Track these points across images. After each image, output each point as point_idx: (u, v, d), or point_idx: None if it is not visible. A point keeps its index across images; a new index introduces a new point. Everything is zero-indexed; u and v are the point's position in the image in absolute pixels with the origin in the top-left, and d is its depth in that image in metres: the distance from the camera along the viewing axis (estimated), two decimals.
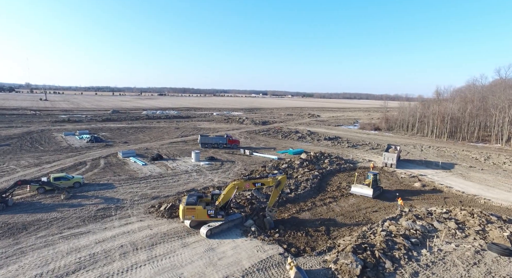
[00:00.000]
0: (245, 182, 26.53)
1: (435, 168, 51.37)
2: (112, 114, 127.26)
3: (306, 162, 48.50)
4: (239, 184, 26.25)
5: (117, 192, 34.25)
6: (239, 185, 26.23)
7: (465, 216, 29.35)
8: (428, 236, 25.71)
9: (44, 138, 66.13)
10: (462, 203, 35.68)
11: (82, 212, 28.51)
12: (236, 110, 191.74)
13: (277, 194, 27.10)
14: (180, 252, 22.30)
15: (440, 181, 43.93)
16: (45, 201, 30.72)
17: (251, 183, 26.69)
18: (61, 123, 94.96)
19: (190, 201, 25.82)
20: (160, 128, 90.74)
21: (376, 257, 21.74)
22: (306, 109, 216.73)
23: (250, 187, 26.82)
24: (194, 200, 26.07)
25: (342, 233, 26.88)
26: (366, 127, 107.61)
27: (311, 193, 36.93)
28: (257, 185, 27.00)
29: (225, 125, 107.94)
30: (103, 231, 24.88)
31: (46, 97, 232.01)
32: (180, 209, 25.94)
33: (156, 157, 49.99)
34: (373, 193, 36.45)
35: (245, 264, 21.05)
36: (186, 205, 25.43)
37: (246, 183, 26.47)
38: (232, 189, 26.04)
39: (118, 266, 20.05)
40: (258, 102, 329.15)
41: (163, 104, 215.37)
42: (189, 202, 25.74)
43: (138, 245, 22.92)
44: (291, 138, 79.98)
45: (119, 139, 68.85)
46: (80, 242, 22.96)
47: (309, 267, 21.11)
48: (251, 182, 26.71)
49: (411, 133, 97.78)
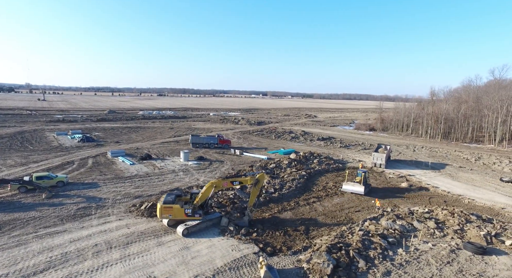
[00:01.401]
0: (223, 181, 26.56)
1: (425, 169, 51.28)
2: (108, 114, 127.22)
3: (294, 162, 48.43)
4: (217, 183, 26.24)
5: (101, 191, 34.21)
6: (217, 184, 26.22)
7: (445, 216, 29.29)
8: (407, 236, 25.66)
9: (36, 138, 66.12)
10: (446, 203, 35.59)
11: (62, 211, 28.45)
12: (233, 110, 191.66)
13: (256, 192, 27.06)
14: (154, 250, 22.25)
15: (427, 181, 43.84)
16: (25, 200, 30.65)
17: (229, 181, 26.72)
18: (56, 123, 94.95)
19: (167, 200, 25.73)
20: (154, 128, 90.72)
21: (350, 256, 21.69)
22: (304, 110, 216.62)
23: (228, 185, 26.86)
24: (171, 199, 26.01)
25: (321, 232, 26.79)
26: (361, 127, 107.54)
27: (296, 193, 36.86)
28: (235, 183, 27.07)
29: (220, 125, 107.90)
30: (80, 230, 24.82)
31: (44, 97, 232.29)
32: (158, 208, 25.83)
33: (145, 157, 49.95)
34: (365, 189, 36.74)
35: (218, 263, 20.99)
36: (163, 204, 25.31)
37: (224, 182, 26.47)
38: (210, 188, 26.01)
39: (88, 265, 19.98)
40: (257, 102, 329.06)
41: (161, 105, 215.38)
42: (167, 200, 25.65)
43: (113, 244, 22.86)
44: (284, 138, 79.94)
45: (111, 139, 68.82)
46: (54, 241, 22.90)
47: (282, 267, 21.05)
48: (229, 181, 26.74)
49: (405, 134, 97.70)
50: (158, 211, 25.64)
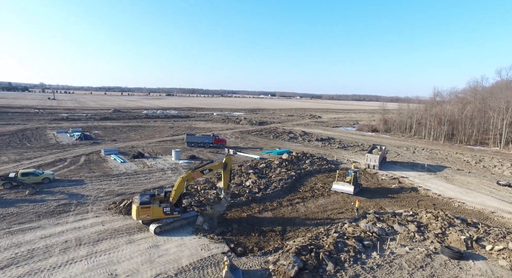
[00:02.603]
0: (193, 172, 26.55)
1: (420, 171, 50.00)
2: (112, 113, 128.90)
3: (285, 162, 47.89)
4: (187, 176, 26.21)
5: (85, 188, 34.46)
6: (187, 177, 26.18)
7: (429, 219, 28.35)
8: (385, 239, 24.93)
9: (35, 135, 67.36)
10: (435, 206, 34.50)
11: (41, 207, 28.71)
12: (238, 110, 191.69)
13: (227, 176, 27.32)
14: (123, 248, 22.16)
15: (420, 183, 42.69)
16: (7, 196, 31.05)
17: (199, 171, 26.80)
18: (59, 121, 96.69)
19: (144, 200, 25.26)
20: (155, 127, 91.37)
21: (319, 259, 21.15)
22: (309, 110, 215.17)
23: (199, 176, 27.14)
24: (148, 199, 25.65)
25: (298, 234, 26.25)
26: (363, 128, 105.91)
27: (281, 193, 36.35)
28: (205, 172, 27.22)
29: (221, 125, 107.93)
30: (54, 227, 24.95)
31: (54, 96, 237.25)
32: (134, 209, 25.41)
33: (137, 155, 50.23)
34: (354, 189, 36.40)
35: (183, 262, 20.76)
36: (140, 204, 24.87)
37: (194, 173, 26.54)
38: (181, 183, 25.94)
39: (52, 261, 19.99)
40: (264, 103, 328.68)
41: (167, 104, 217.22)
42: (143, 201, 25.18)
43: (83, 241, 22.89)
44: (282, 139, 79.34)
45: (109, 137, 69.58)
46: (25, 237, 23.03)
47: (248, 267, 20.68)
48: (199, 171, 26.79)
49: (408, 135, 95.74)
50: (135, 212, 25.23)
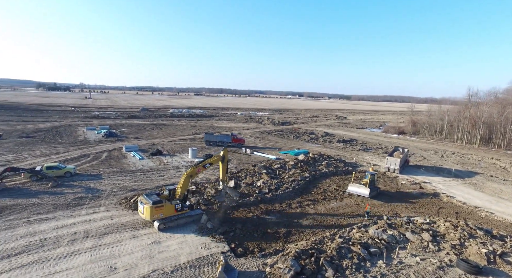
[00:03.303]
0: (195, 168, 27.11)
1: (446, 176, 46.78)
2: (140, 111, 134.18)
3: (301, 163, 46.92)
4: (191, 172, 26.80)
5: (102, 183, 35.98)
6: (191, 173, 26.80)
7: (447, 228, 26.32)
8: (395, 247, 23.48)
9: (67, 132, 71.72)
10: (457, 214, 32.03)
11: (59, 199, 30.34)
12: (262, 110, 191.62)
13: (225, 167, 29.09)
14: (126, 243, 22.77)
15: (443, 189, 39.90)
16: (33, 188, 33.22)
17: (201, 166, 27.56)
18: (91, 119, 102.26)
19: (156, 200, 25.28)
20: (177, 126, 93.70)
21: (319, 264, 20.35)
22: (335, 111, 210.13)
23: (202, 170, 27.84)
24: (158, 198, 25.78)
25: (302, 237, 25.49)
26: (389, 130, 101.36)
27: (292, 194, 35.60)
28: (207, 166, 28.10)
29: (243, 124, 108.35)
30: (67, 218, 26.23)
31: (90, 95, 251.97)
32: (147, 210, 24.83)
33: (155, 152, 51.69)
34: (370, 192, 35.14)
35: (181, 259, 20.90)
36: (153, 204, 24.73)
37: (197, 169, 27.17)
38: (186, 179, 26.49)
39: (60, 251, 20.98)
40: (290, 103, 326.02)
41: (193, 104, 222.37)
42: (156, 201, 25.19)
43: (90, 233, 23.82)
44: (303, 139, 78.00)
45: (133, 135, 72.36)
46: (40, 227, 24.43)
47: (246, 268, 20.38)
48: (201, 166, 27.53)
49: (438, 138, 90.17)
50: (148, 213, 24.74)
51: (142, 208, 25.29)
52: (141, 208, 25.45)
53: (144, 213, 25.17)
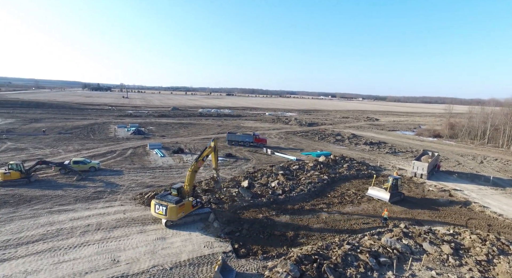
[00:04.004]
0: (197, 163, 27.94)
1: (483, 184, 42.74)
2: (170, 111, 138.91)
3: (320, 165, 45.49)
4: (194, 168, 27.66)
5: (122, 178, 37.53)
6: (194, 168, 27.66)
7: (473, 242, 23.91)
8: (408, 258, 21.76)
9: (100, 129, 76.12)
10: (490, 227, 28.98)
11: (81, 192, 32.10)
12: (292, 111, 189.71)
13: (216, 156, 29.98)
14: (133, 237, 23.43)
15: (477, 198, 36.46)
16: (60, 180, 35.52)
17: (201, 160, 28.51)
18: (124, 117, 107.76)
19: (179, 199, 25.55)
20: (204, 125, 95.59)
21: (321, 271, 19.40)
22: (368, 112, 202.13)
23: (201, 163, 28.95)
24: (178, 197, 25.99)
25: (309, 241, 24.53)
26: (424, 133, 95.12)
27: (306, 197, 34.56)
28: (205, 159, 29.14)
29: (269, 124, 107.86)
30: (84, 211, 27.62)
31: (128, 95, 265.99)
32: (172, 210, 24.57)
33: (177, 150, 53.01)
34: (390, 197, 33.43)
35: (183, 256, 21.05)
36: (177, 204, 24.89)
37: (198, 163, 28.07)
38: (192, 175, 27.51)
39: (71, 242, 22.10)
40: (321, 104, 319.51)
41: (224, 103, 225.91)
42: (178, 200, 25.45)
43: (102, 226, 24.85)
44: (328, 141, 75.77)
45: (160, 133, 74.99)
46: (59, 217, 25.96)
47: (245, 270, 20.03)
48: (200, 160, 28.40)
49: (480, 143, 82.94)
50: (174, 213, 24.63)
51: (165, 209, 24.63)
52: (163, 210, 24.76)
53: (168, 213, 24.63)
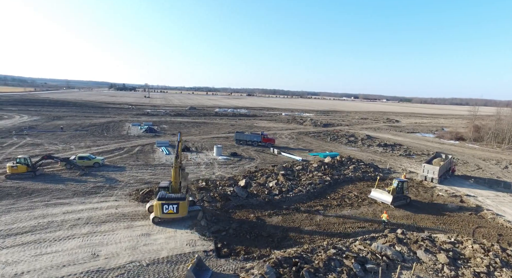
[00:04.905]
0: (177, 159, 27.65)
1: (501, 190, 39.64)
2: (187, 110, 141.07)
3: (324, 166, 44.09)
4: (176, 164, 27.49)
5: (122, 174, 38.21)
6: (177, 165, 27.48)
7: (475, 252, 21.99)
8: (399, 266, 20.33)
9: (114, 127, 78.46)
10: (501, 237, 26.68)
11: (80, 187, 32.94)
12: (309, 111, 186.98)
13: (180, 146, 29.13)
14: (118, 232, 23.58)
15: (491, 206, 33.79)
16: (64, 175, 36.71)
17: (180, 155, 28.50)
18: (140, 115, 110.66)
19: (183, 196, 25.91)
20: (217, 124, 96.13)
21: (300, 275, 18.51)
22: (389, 114, 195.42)
23: (181, 157, 29.97)
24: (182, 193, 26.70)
25: (296, 244, 23.64)
26: (445, 136, 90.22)
27: (304, 198, 33.53)
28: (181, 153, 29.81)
29: (283, 125, 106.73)
30: (78, 205, 28.24)
31: (149, 94, 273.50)
32: (183, 206, 25.15)
33: (183, 149, 53.32)
34: (393, 200, 32.04)
35: (162, 254, 20.87)
36: (185, 200, 25.31)
37: (177, 160, 27.69)
38: (176, 171, 27.37)
39: (58, 235, 22.55)
40: (342, 105, 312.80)
41: (242, 104, 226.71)
42: (183, 196, 25.80)
43: (91, 220, 25.23)
44: (339, 142, 73.66)
45: (171, 132, 76.13)
46: (53, 210, 26.69)
47: (222, 270, 19.54)
48: (179, 154, 28.25)
49: (507, 147, 77.43)
50: (185, 209, 25.28)
51: (176, 207, 24.79)
52: (174, 208, 24.82)
53: (180, 210, 24.95)
